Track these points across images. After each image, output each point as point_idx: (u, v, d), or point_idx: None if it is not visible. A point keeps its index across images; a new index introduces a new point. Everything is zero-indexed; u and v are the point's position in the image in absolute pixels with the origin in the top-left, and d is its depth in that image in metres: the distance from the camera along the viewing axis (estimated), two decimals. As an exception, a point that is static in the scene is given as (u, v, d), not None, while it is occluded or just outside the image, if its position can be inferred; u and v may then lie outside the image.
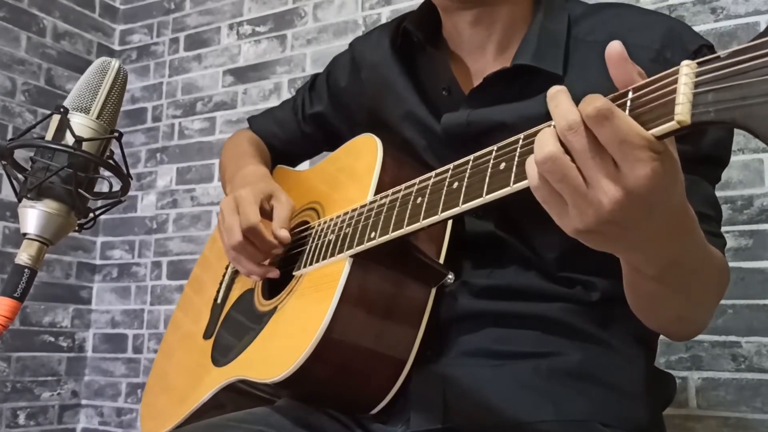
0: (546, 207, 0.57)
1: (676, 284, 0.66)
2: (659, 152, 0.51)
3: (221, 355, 1.02)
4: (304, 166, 1.26)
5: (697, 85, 0.49)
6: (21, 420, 2.21)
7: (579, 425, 0.79)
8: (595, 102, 0.52)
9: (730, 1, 1.60)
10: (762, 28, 1.56)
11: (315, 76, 1.20)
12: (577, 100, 0.55)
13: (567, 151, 0.54)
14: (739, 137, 1.53)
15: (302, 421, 0.86)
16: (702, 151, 0.80)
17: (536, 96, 0.84)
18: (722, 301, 1.49)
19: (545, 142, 0.54)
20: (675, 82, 0.50)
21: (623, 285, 0.71)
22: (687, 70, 0.49)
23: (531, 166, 0.57)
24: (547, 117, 0.57)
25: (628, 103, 0.53)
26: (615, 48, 0.54)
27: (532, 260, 0.85)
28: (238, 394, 0.95)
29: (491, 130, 0.85)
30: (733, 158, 1.53)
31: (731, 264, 1.47)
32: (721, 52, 0.48)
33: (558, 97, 0.55)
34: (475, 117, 0.87)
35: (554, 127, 0.55)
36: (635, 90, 0.53)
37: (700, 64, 0.49)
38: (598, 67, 0.82)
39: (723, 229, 0.84)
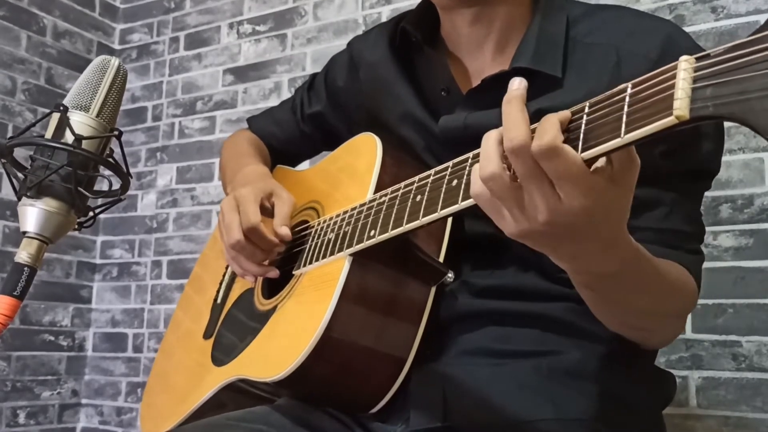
0: (486, 212, 0.62)
1: (609, 296, 0.71)
2: (596, 189, 0.55)
3: (221, 355, 1.02)
4: (304, 165, 1.26)
5: (695, 80, 0.48)
6: (21, 419, 2.21)
7: (579, 424, 0.79)
8: (544, 137, 0.55)
9: (731, 1, 1.60)
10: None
11: (313, 76, 1.20)
12: (575, 102, 0.56)
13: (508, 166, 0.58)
14: (740, 136, 1.53)
15: (302, 420, 0.86)
16: (690, 166, 0.81)
17: (532, 100, 0.83)
18: (722, 301, 1.49)
19: (490, 158, 0.59)
20: (673, 77, 0.50)
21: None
22: (685, 65, 0.49)
23: (475, 176, 0.61)
24: (533, 116, 0.58)
25: (627, 99, 0.53)
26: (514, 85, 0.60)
27: (531, 260, 0.85)
28: (238, 394, 0.95)
29: None
30: (734, 157, 1.53)
31: (732, 264, 1.49)
32: (720, 47, 0.48)
33: (511, 105, 0.58)
34: (472, 120, 0.87)
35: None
36: (634, 86, 0.53)
37: (698, 59, 0.49)
38: (597, 69, 0.83)
39: (724, 228, 0.84)
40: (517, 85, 0.59)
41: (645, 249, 0.68)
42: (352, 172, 0.96)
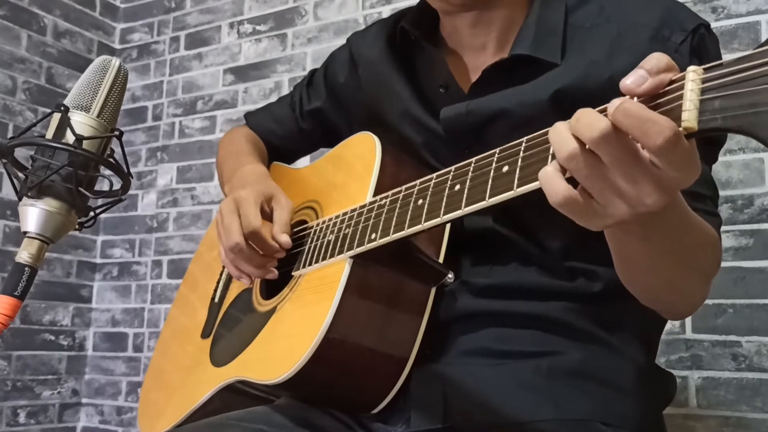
0: (573, 215, 0.56)
1: (661, 241, 0.65)
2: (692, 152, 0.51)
3: (220, 355, 1.02)
4: (303, 161, 1.26)
5: (703, 91, 0.48)
6: (21, 419, 2.21)
7: (579, 424, 0.79)
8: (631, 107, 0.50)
9: (731, 1, 1.60)
10: (763, 27, 1.56)
11: (312, 72, 1.19)
12: (573, 86, 0.55)
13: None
14: (740, 136, 1.53)
15: (303, 420, 0.86)
16: None
17: (535, 81, 0.83)
18: (723, 301, 1.49)
19: (563, 138, 0.53)
20: (681, 87, 0.49)
21: (613, 259, 0.71)
22: (693, 75, 0.49)
23: (551, 174, 0.55)
24: (547, 103, 0.56)
25: None
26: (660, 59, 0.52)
27: (533, 254, 0.85)
28: (237, 394, 0.95)
29: (492, 119, 0.85)
30: (734, 157, 1.53)
31: (732, 264, 1.49)
32: (727, 59, 0.48)
33: (579, 113, 0.53)
34: (474, 106, 0.87)
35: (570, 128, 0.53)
36: (641, 96, 0.53)
37: (706, 70, 0.49)
38: (596, 52, 0.83)
39: (724, 228, 0.84)
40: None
41: None
42: (351, 172, 0.96)
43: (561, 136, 0.53)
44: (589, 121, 0.51)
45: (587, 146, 0.52)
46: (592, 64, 0.82)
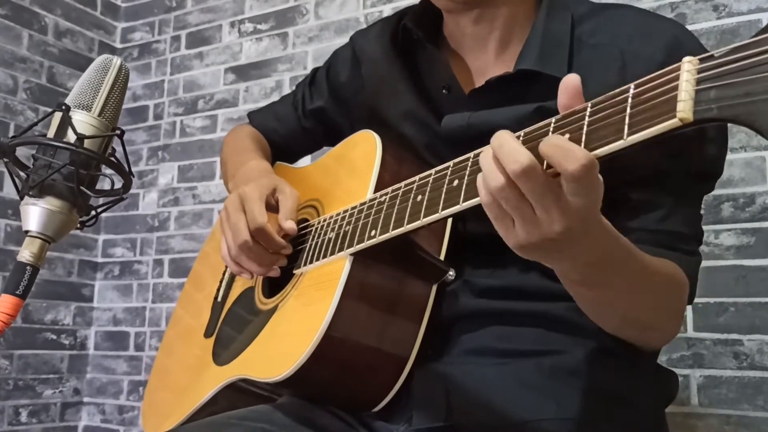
0: (494, 223, 0.62)
1: (600, 286, 0.70)
2: (598, 181, 0.57)
3: (223, 354, 1.02)
4: (305, 161, 1.26)
5: (699, 81, 0.48)
6: (23, 417, 2.21)
7: (581, 423, 0.79)
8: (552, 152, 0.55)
9: (733, -1, 1.59)
10: (764, 25, 1.55)
11: (315, 71, 1.19)
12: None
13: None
14: (741, 134, 1.53)
15: (304, 419, 0.86)
16: (692, 169, 0.80)
17: (534, 100, 0.83)
18: (724, 299, 1.49)
19: (494, 172, 0.58)
20: (677, 78, 0.49)
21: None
22: (689, 66, 0.49)
23: (481, 186, 0.60)
24: (533, 114, 0.58)
25: (630, 100, 0.53)
26: (572, 80, 0.59)
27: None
28: (239, 393, 0.95)
29: (491, 133, 0.85)
30: (735, 156, 1.53)
31: (733, 262, 1.49)
32: (723, 48, 0.48)
33: (502, 136, 0.59)
34: (475, 120, 0.87)
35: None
36: (636, 86, 0.53)
37: (701, 60, 0.49)
38: (602, 71, 0.83)
39: (725, 226, 0.85)
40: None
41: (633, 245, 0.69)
42: (352, 170, 0.96)
43: (490, 167, 0.59)
44: (511, 152, 0.57)
45: (510, 177, 0.57)
46: (595, 88, 0.81)
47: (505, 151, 0.57)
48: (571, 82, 0.59)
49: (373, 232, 0.80)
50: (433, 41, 0.96)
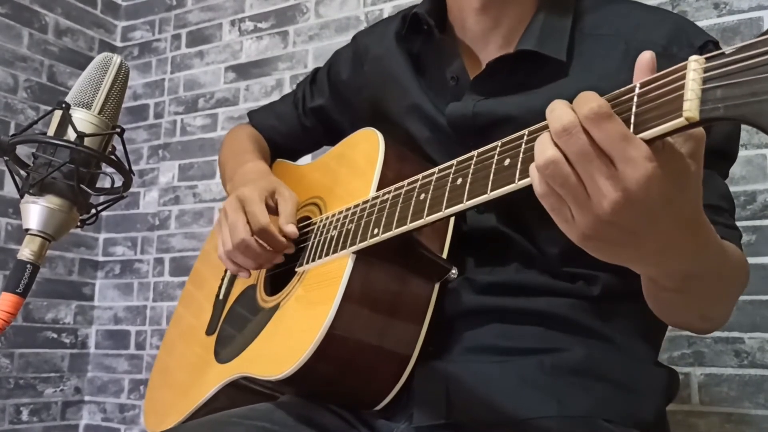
0: (553, 214, 0.57)
1: (696, 293, 0.67)
2: (654, 156, 0.51)
3: (224, 352, 1.02)
4: (306, 159, 1.26)
5: (705, 80, 0.48)
6: (24, 416, 2.21)
7: (582, 422, 0.79)
8: (590, 102, 0.52)
9: (734, -4, 1.59)
10: (765, 22, 1.55)
11: (316, 70, 1.20)
12: (580, 91, 0.55)
13: (565, 155, 0.53)
14: (742, 132, 1.52)
15: (305, 418, 0.86)
16: (713, 145, 0.80)
17: (542, 87, 0.84)
18: (725, 297, 1.49)
19: (545, 146, 0.54)
20: (683, 77, 0.49)
21: (643, 291, 0.72)
22: (695, 65, 0.49)
23: (534, 172, 0.56)
24: (539, 104, 0.57)
25: (635, 99, 0.52)
26: (646, 57, 0.54)
27: (534, 256, 0.85)
28: (241, 391, 0.95)
29: (497, 123, 0.85)
30: (737, 154, 1.53)
31: (734, 260, 1.48)
32: (729, 48, 0.48)
33: (553, 103, 0.55)
34: (481, 108, 0.87)
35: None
36: (642, 85, 0.53)
37: (708, 59, 0.48)
38: (603, 59, 0.83)
39: (726, 225, 0.84)
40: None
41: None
42: (354, 168, 0.96)
43: (542, 144, 0.54)
44: (584, 101, 0.52)
45: (580, 121, 0.52)
46: (602, 77, 0.82)
47: (555, 114, 0.54)
48: (646, 59, 0.54)
49: (375, 231, 0.80)
50: (442, 32, 0.96)
